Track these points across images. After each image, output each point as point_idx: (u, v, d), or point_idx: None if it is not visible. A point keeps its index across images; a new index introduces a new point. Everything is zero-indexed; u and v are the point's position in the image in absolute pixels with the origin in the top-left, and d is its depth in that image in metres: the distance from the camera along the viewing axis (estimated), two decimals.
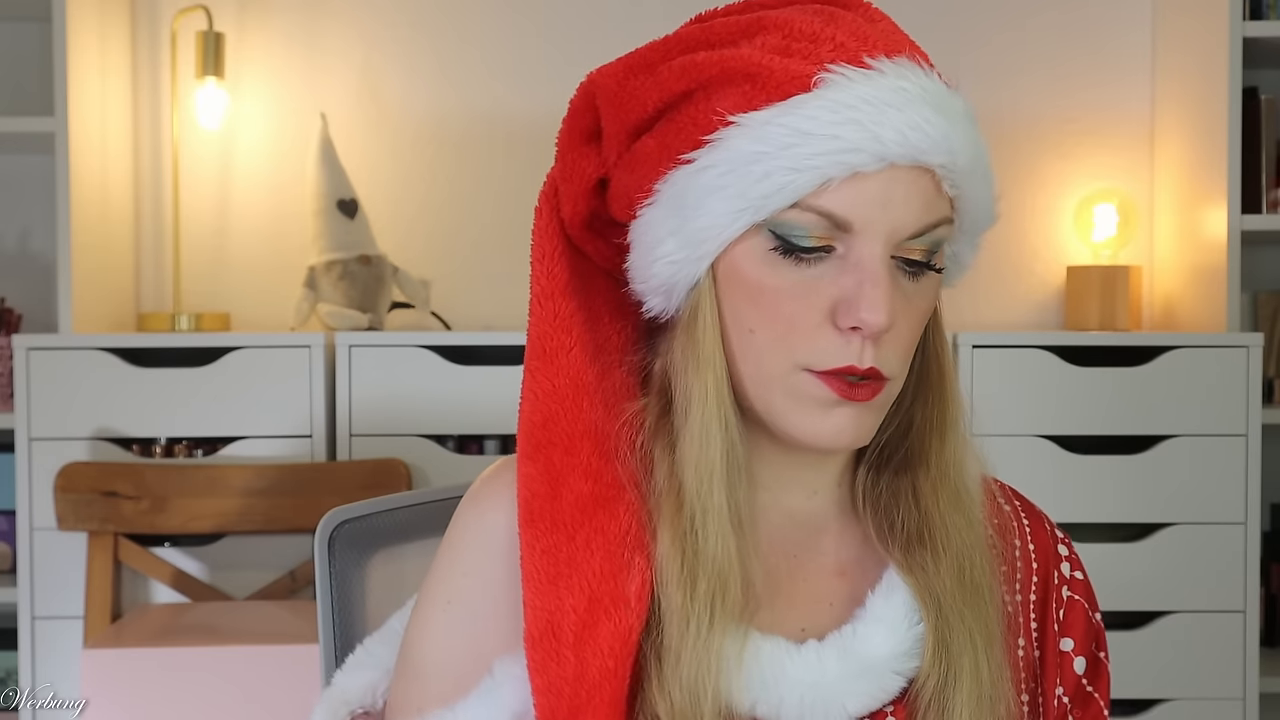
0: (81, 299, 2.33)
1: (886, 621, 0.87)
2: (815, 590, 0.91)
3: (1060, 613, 0.95)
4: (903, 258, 0.83)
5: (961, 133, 0.84)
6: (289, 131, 2.62)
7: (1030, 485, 2.23)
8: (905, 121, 0.81)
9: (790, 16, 0.84)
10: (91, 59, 2.41)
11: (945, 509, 0.89)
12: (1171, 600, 2.24)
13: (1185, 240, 2.54)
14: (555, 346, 0.89)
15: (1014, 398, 2.24)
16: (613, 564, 0.84)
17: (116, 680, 1.89)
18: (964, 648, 0.86)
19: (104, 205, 2.46)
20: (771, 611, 0.88)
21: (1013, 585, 0.94)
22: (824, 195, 0.81)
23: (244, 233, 2.63)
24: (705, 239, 0.83)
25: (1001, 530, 0.95)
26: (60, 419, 2.19)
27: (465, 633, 0.89)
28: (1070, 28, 2.67)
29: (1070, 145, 2.67)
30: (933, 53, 0.88)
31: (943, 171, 0.83)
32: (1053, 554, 0.97)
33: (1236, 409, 2.23)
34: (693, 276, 0.85)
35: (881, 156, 0.80)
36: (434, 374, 2.22)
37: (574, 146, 0.90)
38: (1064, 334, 2.41)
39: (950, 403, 0.91)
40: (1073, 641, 0.95)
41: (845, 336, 0.82)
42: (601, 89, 0.87)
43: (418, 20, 2.64)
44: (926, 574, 0.88)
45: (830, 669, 0.85)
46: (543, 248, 0.91)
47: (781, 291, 0.83)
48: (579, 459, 0.87)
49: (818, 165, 0.80)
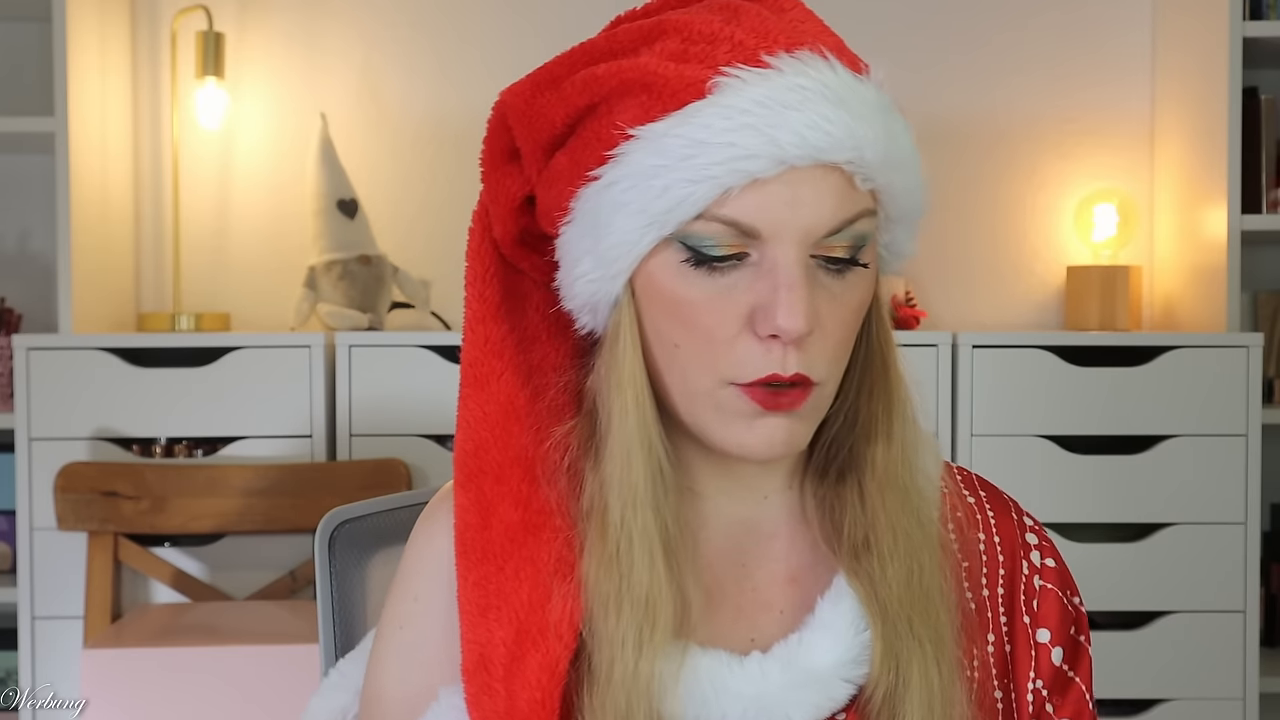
0: (81, 299, 2.32)
1: (833, 629, 0.86)
2: (765, 598, 0.89)
3: (1033, 603, 0.93)
4: (824, 256, 0.81)
5: (869, 126, 0.80)
6: (289, 131, 2.62)
7: (1030, 485, 2.25)
8: (803, 122, 0.78)
9: (691, 18, 0.82)
10: (91, 59, 2.40)
11: (892, 511, 0.87)
12: (1171, 600, 2.24)
13: (1185, 240, 2.54)
14: (486, 373, 0.88)
15: (1014, 398, 2.24)
16: (541, 593, 0.83)
17: (116, 680, 1.89)
18: (913, 654, 0.84)
19: (104, 205, 2.46)
20: (715, 624, 0.87)
21: (977, 580, 0.92)
22: (727, 204, 0.79)
23: (244, 233, 2.63)
24: (617, 256, 0.82)
25: (963, 524, 0.93)
26: (60, 419, 2.19)
27: (416, 660, 0.89)
28: (1070, 28, 2.67)
29: (1070, 145, 2.67)
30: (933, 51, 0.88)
31: (851, 168, 0.80)
32: (1020, 543, 0.95)
33: (1236, 409, 2.23)
34: (611, 294, 0.84)
35: (780, 160, 0.78)
36: (434, 374, 2.22)
37: (496, 166, 0.90)
38: (1064, 334, 2.41)
39: (895, 396, 0.88)
40: (1049, 632, 0.93)
41: (765, 345, 0.80)
42: (511, 109, 0.87)
43: (418, 20, 2.64)
44: (873, 581, 0.86)
45: (774, 680, 0.84)
46: (474, 270, 0.90)
47: (698, 303, 0.81)
48: (509, 486, 0.85)
49: (715, 175, 0.78)
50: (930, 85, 2.63)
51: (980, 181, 2.67)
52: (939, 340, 2.24)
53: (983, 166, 2.66)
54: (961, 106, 2.63)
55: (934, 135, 2.62)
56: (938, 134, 2.62)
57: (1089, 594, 2.28)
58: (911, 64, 2.61)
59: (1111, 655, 2.23)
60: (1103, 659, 2.22)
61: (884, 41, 2.60)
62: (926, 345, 2.23)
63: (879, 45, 2.58)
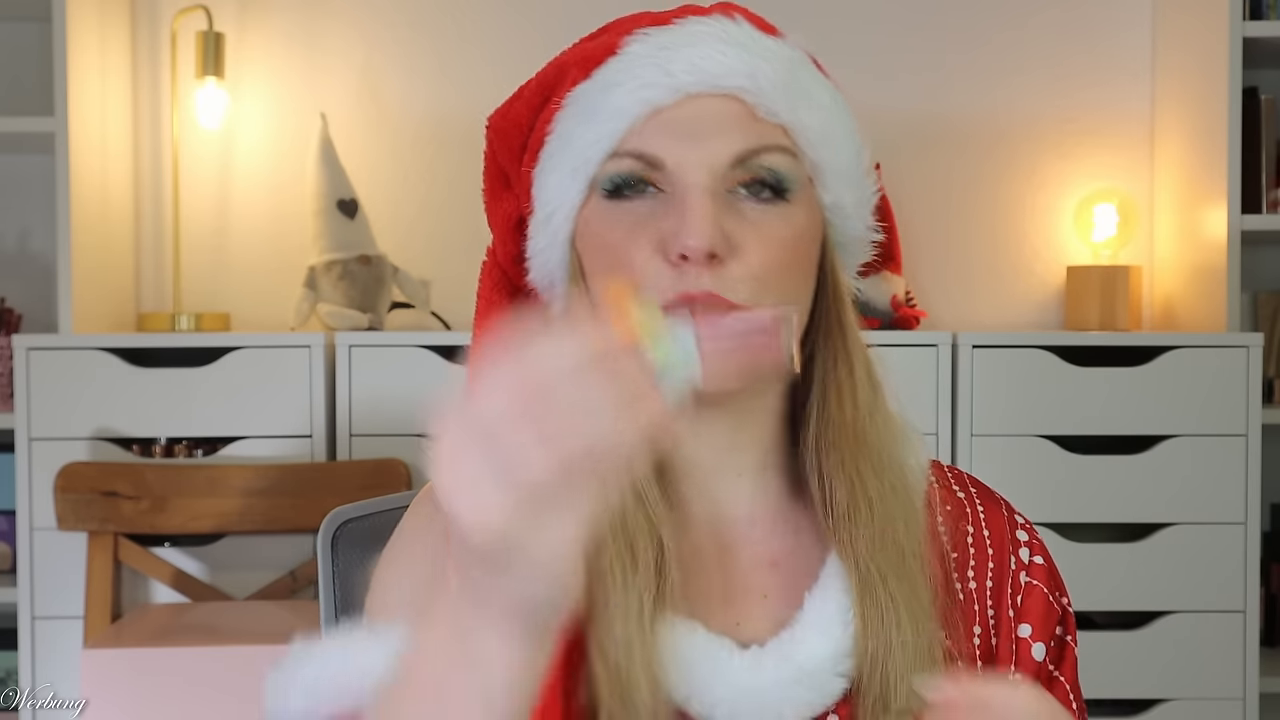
0: (81, 299, 2.32)
1: (823, 624, 0.86)
2: (748, 583, 0.89)
3: (1018, 599, 0.93)
4: (744, 183, 0.84)
5: (766, 62, 0.85)
6: (289, 131, 2.62)
7: (1030, 485, 2.25)
8: (696, 54, 0.85)
9: (636, 15, 0.90)
10: (91, 59, 2.40)
11: (864, 471, 0.87)
12: (1172, 600, 2.24)
13: (1185, 240, 2.54)
14: None
15: (1014, 398, 2.24)
16: None
17: (116, 680, 1.89)
18: (889, 614, 0.85)
19: (104, 205, 2.46)
20: (702, 608, 0.87)
21: (965, 572, 0.93)
22: (633, 138, 0.84)
23: (244, 233, 2.63)
24: (554, 214, 0.88)
25: (953, 516, 0.93)
26: (60, 419, 2.19)
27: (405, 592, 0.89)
28: (1070, 27, 2.67)
29: (1070, 145, 2.67)
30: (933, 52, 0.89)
31: (748, 96, 0.84)
32: (1009, 539, 0.95)
33: (1236, 409, 2.23)
34: (562, 260, 0.89)
35: (675, 88, 0.84)
36: (434, 374, 2.22)
37: (495, 195, 0.95)
38: (1064, 334, 2.41)
39: (855, 358, 0.89)
40: (1030, 628, 0.93)
41: (679, 268, 0.82)
42: (492, 127, 0.94)
43: (418, 20, 2.64)
44: (850, 542, 0.86)
45: (768, 674, 0.84)
46: (483, 297, 0.95)
47: (617, 235, 0.84)
48: None
49: (620, 106, 0.84)
50: (930, 85, 2.63)
51: (980, 181, 2.67)
52: (939, 340, 2.24)
53: (983, 166, 2.66)
54: (961, 106, 2.63)
55: (934, 135, 2.62)
56: (937, 134, 2.62)
57: (1089, 594, 2.30)
58: (911, 64, 2.61)
59: (1112, 655, 2.23)
60: (1103, 659, 2.22)
61: (884, 42, 2.60)
62: (926, 345, 2.23)
63: (879, 45, 2.61)
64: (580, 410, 0.58)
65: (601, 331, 0.60)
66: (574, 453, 0.58)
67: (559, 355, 0.59)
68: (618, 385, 0.59)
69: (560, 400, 0.58)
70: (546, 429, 0.58)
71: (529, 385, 0.58)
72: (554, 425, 0.58)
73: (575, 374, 0.59)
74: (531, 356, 0.59)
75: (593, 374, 0.59)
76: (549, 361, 0.59)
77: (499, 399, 0.58)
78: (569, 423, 0.58)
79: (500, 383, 0.59)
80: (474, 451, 0.59)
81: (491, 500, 0.59)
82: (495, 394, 0.59)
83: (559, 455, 0.58)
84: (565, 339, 0.59)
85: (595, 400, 0.59)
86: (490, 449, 0.59)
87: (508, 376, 0.59)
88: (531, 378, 0.59)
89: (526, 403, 0.58)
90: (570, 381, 0.59)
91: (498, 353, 0.60)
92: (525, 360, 0.59)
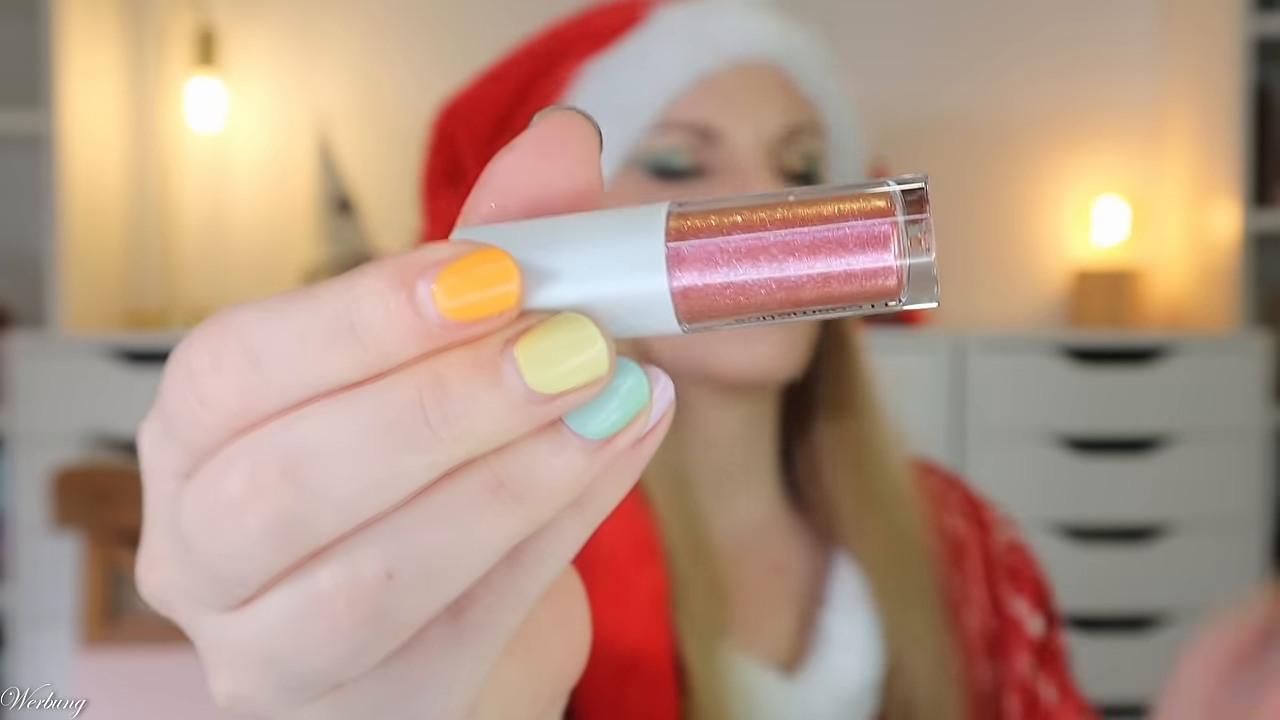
0: (73, 297, 2.30)
1: (852, 646, 0.84)
2: (760, 596, 0.87)
3: (1007, 576, 0.92)
4: (781, 170, 0.81)
5: (798, 34, 0.83)
6: (286, 129, 2.60)
7: (1037, 486, 2.22)
8: (738, 22, 0.81)
9: None
10: (83, 54, 2.38)
11: (856, 473, 0.86)
12: (1180, 601, 2.22)
13: (1194, 238, 2.51)
14: None
15: (1020, 397, 2.21)
16: None
17: (110, 684, 1.88)
18: (906, 615, 0.83)
19: (97, 202, 2.43)
20: (739, 626, 0.85)
21: (954, 562, 0.91)
22: (681, 107, 0.79)
23: (240, 231, 2.61)
24: None
25: (943, 507, 0.92)
26: (52, 419, 2.17)
27: None
28: (1077, 23, 2.64)
29: (1077, 142, 2.65)
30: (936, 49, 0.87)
31: (791, 70, 0.82)
32: (984, 521, 0.94)
33: (1245, 409, 2.21)
34: None
35: (723, 55, 0.80)
36: None
37: (436, 194, 0.89)
38: (1071, 333, 2.38)
39: (855, 354, 0.87)
40: (1026, 603, 0.92)
41: None
42: (453, 110, 0.89)
43: (416, 18, 2.62)
44: (862, 543, 0.85)
45: (816, 709, 0.82)
46: None
47: None
48: None
49: (666, 74, 0.80)
50: (936, 83, 2.60)
51: (986, 179, 2.64)
52: (944, 340, 2.21)
53: (988, 164, 2.64)
54: (967, 104, 2.61)
55: (940, 133, 2.60)
56: (943, 132, 2.60)
57: (1096, 596, 2.27)
58: (917, 62, 2.59)
59: (1120, 656, 2.21)
60: (1110, 660, 2.20)
61: (891, 40, 2.58)
62: (931, 345, 2.21)
63: (886, 43, 2.58)
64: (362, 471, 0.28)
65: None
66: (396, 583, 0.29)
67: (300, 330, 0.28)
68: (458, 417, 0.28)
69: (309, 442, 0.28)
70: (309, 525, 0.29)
71: None
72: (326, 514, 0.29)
73: None
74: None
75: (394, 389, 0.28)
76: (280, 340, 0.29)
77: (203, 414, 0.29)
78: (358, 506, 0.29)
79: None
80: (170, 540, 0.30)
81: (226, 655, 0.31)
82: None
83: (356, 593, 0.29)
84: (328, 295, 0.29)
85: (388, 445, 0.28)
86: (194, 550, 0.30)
87: None
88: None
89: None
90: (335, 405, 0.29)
91: None
92: None
